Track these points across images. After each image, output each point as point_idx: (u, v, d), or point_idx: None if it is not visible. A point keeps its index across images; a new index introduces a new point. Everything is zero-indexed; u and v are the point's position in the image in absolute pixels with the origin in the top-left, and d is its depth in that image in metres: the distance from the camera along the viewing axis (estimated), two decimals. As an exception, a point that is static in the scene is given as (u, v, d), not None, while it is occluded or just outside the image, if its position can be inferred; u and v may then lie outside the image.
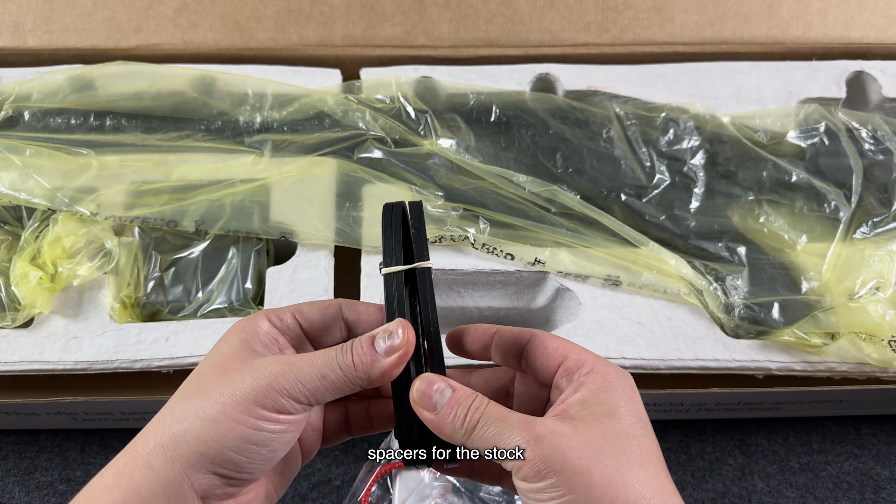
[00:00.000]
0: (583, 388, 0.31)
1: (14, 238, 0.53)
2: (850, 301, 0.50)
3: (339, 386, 0.31)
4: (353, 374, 0.31)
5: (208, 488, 0.30)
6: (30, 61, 0.62)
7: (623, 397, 0.31)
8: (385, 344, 0.31)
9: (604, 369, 0.32)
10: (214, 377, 0.32)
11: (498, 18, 0.63)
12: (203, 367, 0.33)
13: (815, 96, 0.59)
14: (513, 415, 0.30)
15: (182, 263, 0.53)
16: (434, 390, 0.31)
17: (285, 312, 0.35)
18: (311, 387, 0.31)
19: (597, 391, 0.31)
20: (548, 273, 0.52)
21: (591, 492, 0.28)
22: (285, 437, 0.31)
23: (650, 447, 0.30)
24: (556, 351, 0.33)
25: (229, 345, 0.33)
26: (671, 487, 0.29)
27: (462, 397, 0.31)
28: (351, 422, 0.37)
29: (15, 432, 0.59)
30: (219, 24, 0.62)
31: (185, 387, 0.32)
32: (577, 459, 0.28)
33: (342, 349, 0.32)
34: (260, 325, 0.34)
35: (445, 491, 0.54)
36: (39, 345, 0.49)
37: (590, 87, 0.60)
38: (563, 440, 0.29)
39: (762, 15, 0.63)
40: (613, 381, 0.31)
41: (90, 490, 0.30)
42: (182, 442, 0.30)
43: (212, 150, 0.55)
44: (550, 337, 0.34)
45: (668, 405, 0.55)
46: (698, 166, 0.56)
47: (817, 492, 0.57)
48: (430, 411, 0.31)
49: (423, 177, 0.54)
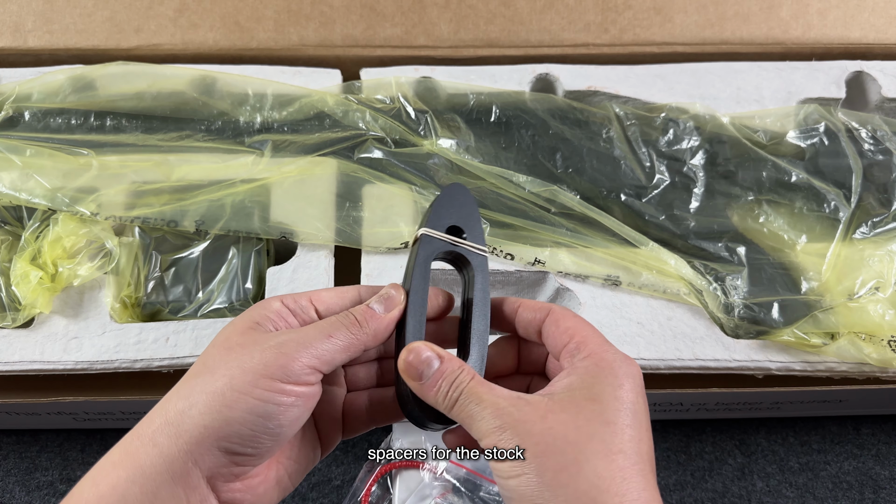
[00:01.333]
0: (574, 373, 0.31)
1: (14, 238, 0.53)
2: (849, 301, 0.50)
3: (346, 346, 0.32)
4: (359, 329, 0.33)
5: (214, 466, 0.30)
6: (30, 61, 0.62)
7: (613, 384, 0.31)
8: (380, 305, 0.34)
9: (604, 355, 0.32)
10: (220, 355, 0.32)
11: (498, 19, 0.63)
12: (209, 349, 0.33)
13: (815, 96, 0.60)
14: (489, 394, 0.31)
15: (182, 263, 0.53)
16: (422, 360, 0.32)
17: (301, 296, 0.35)
18: (319, 349, 0.32)
19: (586, 376, 0.31)
20: (548, 273, 0.52)
21: (543, 476, 0.28)
22: (292, 411, 0.31)
23: (629, 438, 0.30)
24: (566, 330, 0.33)
25: (234, 326, 0.33)
26: (637, 482, 0.29)
27: (447, 370, 0.32)
28: (373, 408, 0.37)
29: (15, 432, 0.59)
30: (219, 24, 0.62)
31: (192, 369, 0.33)
32: (536, 445, 0.29)
33: (345, 312, 0.33)
34: (271, 305, 0.34)
35: (445, 491, 0.54)
36: (40, 345, 0.49)
37: (590, 88, 0.60)
38: (527, 426, 0.29)
39: (762, 15, 0.63)
40: (608, 367, 0.31)
41: (97, 469, 0.31)
42: (187, 417, 0.30)
43: (212, 151, 0.55)
44: (567, 315, 0.34)
45: (667, 405, 0.55)
46: (698, 166, 0.56)
47: (817, 491, 0.57)
48: (416, 381, 0.32)
49: (423, 177, 0.54)
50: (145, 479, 0.30)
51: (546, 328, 0.34)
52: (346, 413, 0.37)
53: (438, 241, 0.36)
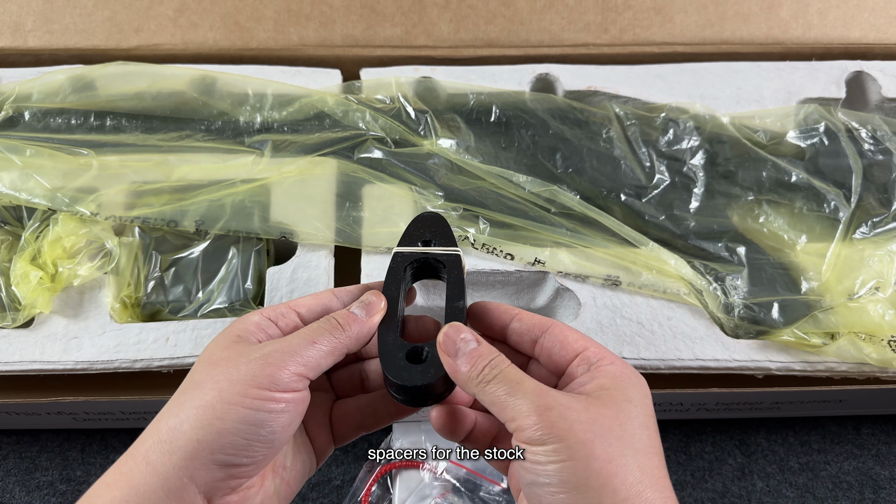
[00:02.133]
0: (601, 377, 0.32)
1: (14, 238, 0.53)
2: (849, 301, 0.50)
3: (331, 350, 0.33)
4: (341, 333, 0.34)
5: (210, 481, 0.30)
6: (30, 61, 0.62)
7: (640, 392, 0.32)
8: (361, 310, 0.35)
9: (623, 367, 0.33)
10: (206, 370, 0.32)
11: (498, 18, 0.63)
12: (195, 366, 0.34)
13: (815, 96, 0.60)
14: (529, 381, 0.31)
15: (182, 263, 0.53)
16: (460, 338, 0.33)
17: (280, 305, 0.36)
18: (305, 356, 0.32)
19: (616, 381, 0.32)
20: (548, 273, 0.52)
21: (591, 463, 0.29)
22: (283, 417, 0.32)
23: (658, 444, 0.31)
24: (575, 342, 0.34)
25: (218, 342, 0.34)
26: (668, 483, 0.31)
27: (485, 351, 0.33)
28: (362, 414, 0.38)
29: (15, 432, 0.59)
30: (219, 24, 0.62)
31: (181, 387, 0.33)
32: (583, 432, 0.29)
33: (327, 317, 0.35)
34: (251, 318, 0.35)
35: (445, 491, 0.54)
36: (40, 345, 0.50)
37: (590, 88, 0.60)
38: (573, 413, 0.30)
39: (762, 15, 0.63)
40: (631, 377, 0.33)
41: (93, 490, 0.31)
42: (179, 433, 0.30)
43: (212, 151, 0.55)
44: (571, 329, 0.35)
45: (667, 405, 0.55)
46: (698, 166, 0.56)
47: (817, 491, 0.57)
48: (452, 357, 0.33)
49: (423, 177, 0.54)
50: (140, 499, 0.30)
51: (547, 340, 0.35)
52: (336, 420, 0.38)
53: (409, 253, 0.39)
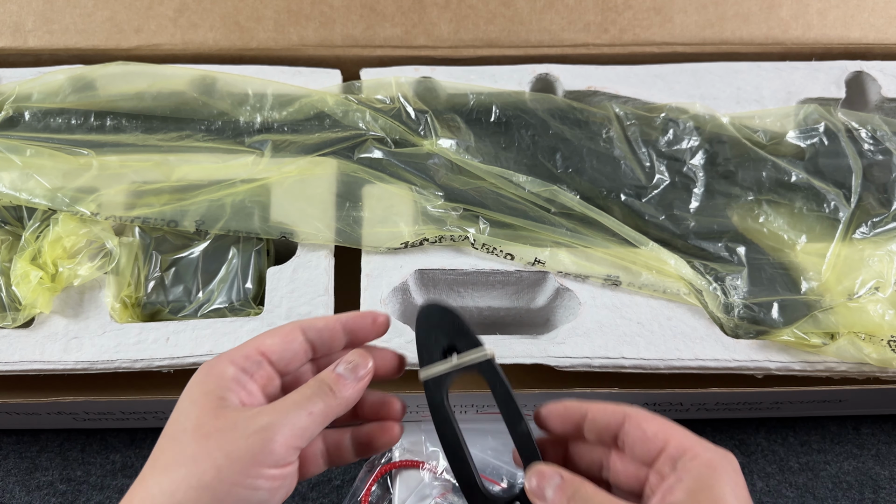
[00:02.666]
0: (688, 478, 0.31)
1: (14, 238, 0.53)
2: (849, 301, 0.50)
3: (325, 416, 0.33)
4: (333, 398, 0.34)
5: None
6: (30, 61, 0.62)
7: (729, 483, 0.31)
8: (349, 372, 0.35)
9: (707, 455, 0.32)
10: (197, 442, 0.31)
11: (498, 19, 0.63)
12: (176, 431, 0.32)
13: (815, 96, 0.60)
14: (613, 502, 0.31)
15: (182, 263, 0.53)
16: (546, 483, 0.33)
17: (247, 348, 0.35)
18: (302, 426, 0.32)
19: (703, 481, 0.31)
20: (548, 273, 0.52)
21: None
22: (281, 491, 0.32)
23: None
24: (655, 435, 0.33)
25: (194, 403, 0.33)
26: None
27: (569, 487, 0.33)
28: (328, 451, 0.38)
29: (15, 432, 0.59)
30: (219, 24, 0.62)
31: (164, 455, 0.32)
32: None
33: (316, 384, 0.34)
34: (225, 372, 0.34)
35: (445, 491, 0.54)
36: (40, 345, 0.50)
37: (590, 88, 0.60)
38: None
39: (762, 15, 0.63)
40: (718, 467, 0.32)
41: None
42: None
43: (212, 151, 0.55)
44: (647, 417, 0.34)
45: (667, 405, 0.55)
46: (698, 166, 0.56)
47: (817, 491, 0.57)
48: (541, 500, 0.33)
49: (423, 177, 0.54)
50: None
51: (629, 433, 0.34)
52: (302, 458, 0.37)
53: (439, 377, 0.37)
